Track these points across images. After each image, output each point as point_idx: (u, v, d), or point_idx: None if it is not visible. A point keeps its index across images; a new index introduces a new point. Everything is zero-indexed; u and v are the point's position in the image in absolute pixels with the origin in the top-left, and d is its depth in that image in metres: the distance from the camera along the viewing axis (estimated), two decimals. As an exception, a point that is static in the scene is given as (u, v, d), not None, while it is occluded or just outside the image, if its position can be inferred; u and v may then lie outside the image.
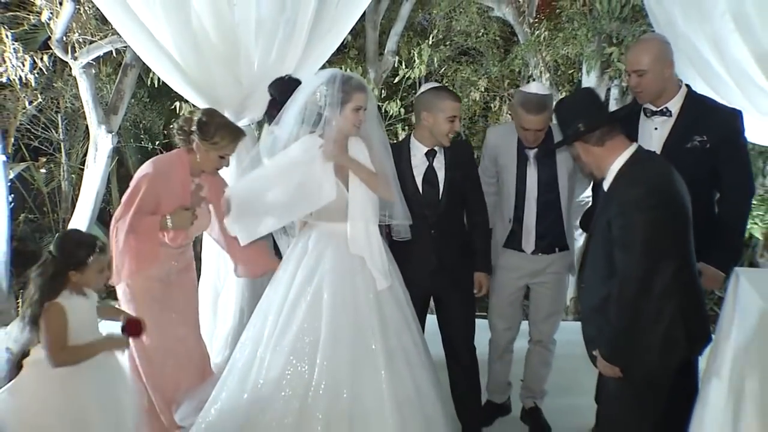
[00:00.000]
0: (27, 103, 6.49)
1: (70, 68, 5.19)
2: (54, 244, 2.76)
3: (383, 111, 7.05)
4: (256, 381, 2.90)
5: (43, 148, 7.35)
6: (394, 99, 7.35)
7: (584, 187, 3.63)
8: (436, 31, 8.09)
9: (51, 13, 5.04)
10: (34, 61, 5.39)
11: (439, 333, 3.52)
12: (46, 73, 5.84)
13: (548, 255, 3.52)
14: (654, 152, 2.96)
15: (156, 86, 6.47)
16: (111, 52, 5.17)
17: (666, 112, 3.14)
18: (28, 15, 5.76)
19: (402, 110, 7.31)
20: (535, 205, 3.46)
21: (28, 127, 7.06)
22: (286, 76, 3.57)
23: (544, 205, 3.47)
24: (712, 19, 3.72)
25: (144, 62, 4.19)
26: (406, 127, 7.46)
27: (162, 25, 3.74)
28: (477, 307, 3.56)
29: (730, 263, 2.98)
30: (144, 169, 3.19)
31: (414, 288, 3.25)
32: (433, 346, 3.38)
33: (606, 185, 2.65)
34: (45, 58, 5.50)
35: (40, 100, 6.60)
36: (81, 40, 5.11)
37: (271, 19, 3.84)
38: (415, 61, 7.39)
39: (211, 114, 3.29)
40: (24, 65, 5.31)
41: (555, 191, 3.45)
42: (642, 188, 2.49)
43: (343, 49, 7.87)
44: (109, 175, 6.18)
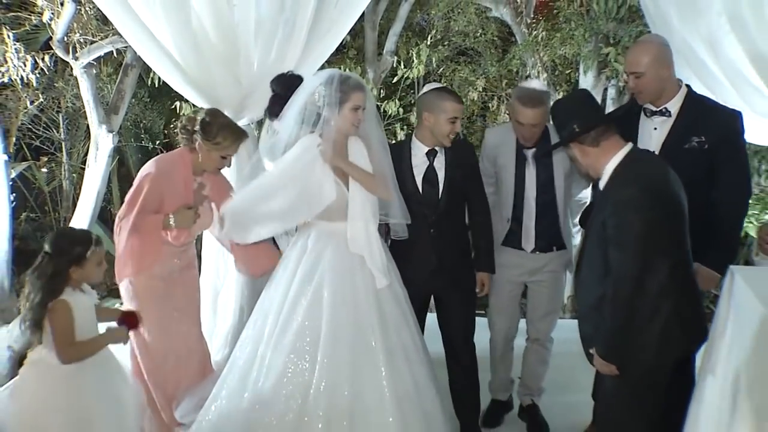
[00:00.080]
0: (28, 102, 6.47)
1: (71, 68, 5.17)
2: (49, 244, 2.76)
3: (382, 111, 7.05)
4: (257, 379, 2.90)
5: (44, 147, 7.35)
6: (393, 99, 7.36)
7: (582, 186, 3.63)
8: (434, 32, 8.11)
9: (52, 13, 5.02)
10: (35, 61, 5.36)
11: (440, 332, 3.52)
12: (47, 73, 5.83)
13: (546, 254, 3.54)
14: (649, 151, 2.97)
15: (156, 86, 6.50)
16: (112, 52, 5.16)
17: (665, 113, 3.15)
18: (30, 15, 5.75)
19: (401, 110, 7.32)
20: (534, 205, 3.48)
21: (30, 126, 7.05)
22: (288, 72, 3.59)
23: (542, 205, 3.48)
24: (708, 20, 3.72)
25: (144, 62, 4.20)
26: (405, 127, 7.46)
27: (162, 25, 3.75)
28: (477, 306, 3.56)
29: (726, 264, 2.93)
30: (147, 168, 3.19)
31: (414, 287, 3.25)
32: (433, 344, 3.40)
33: (601, 185, 2.66)
34: (46, 58, 5.48)
35: (41, 100, 6.59)
36: (82, 40, 5.09)
37: (271, 20, 3.84)
38: (413, 61, 7.40)
39: (214, 114, 3.29)
40: (25, 65, 5.27)
41: (552, 191, 3.47)
42: (635, 188, 2.50)
43: (342, 49, 7.89)
44: (110, 174, 6.16)
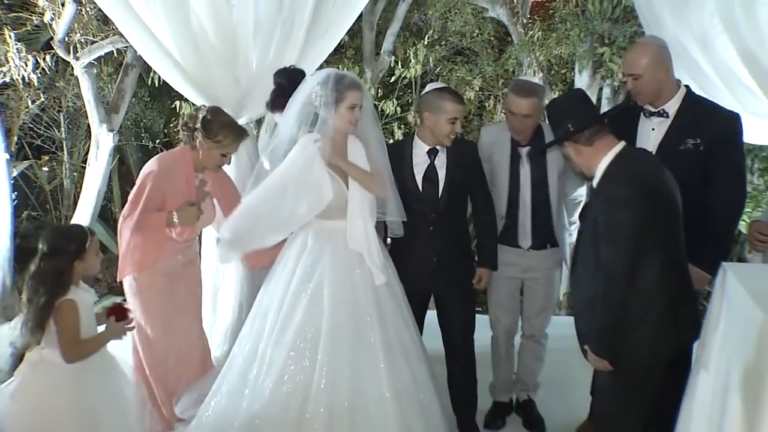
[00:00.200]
0: (30, 102, 6.49)
1: (72, 68, 5.21)
2: (47, 245, 2.76)
3: (380, 110, 7.07)
4: (257, 377, 2.91)
5: (45, 146, 7.36)
6: (391, 98, 7.40)
7: (577, 184, 3.63)
8: (431, 32, 8.14)
9: (53, 14, 5.05)
10: (36, 61, 5.39)
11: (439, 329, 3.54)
12: (48, 72, 5.86)
13: (540, 251, 3.55)
14: (643, 149, 2.98)
15: (156, 86, 6.53)
16: (112, 52, 5.20)
17: (663, 114, 3.15)
18: (31, 16, 5.77)
19: (398, 109, 7.35)
20: (529, 203, 3.49)
21: (31, 126, 7.06)
22: (290, 66, 3.63)
23: (536, 202, 3.49)
24: (701, 20, 3.74)
25: (145, 62, 4.24)
26: (402, 126, 7.49)
27: (162, 25, 3.78)
28: (477, 304, 3.56)
29: (718, 265, 2.97)
30: (149, 166, 3.20)
31: (414, 285, 3.27)
32: (433, 341, 3.43)
33: (594, 183, 2.67)
34: (47, 58, 5.51)
35: (42, 99, 6.60)
36: (83, 40, 5.13)
37: (269, 20, 3.87)
38: (411, 60, 7.43)
39: (215, 112, 3.29)
40: (27, 65, 5.30)
41: (546, 189, 3.48)
42: (625, 185, 2.52)
43: (340, 49, 7.90)
44: (111, 172, 6.18)
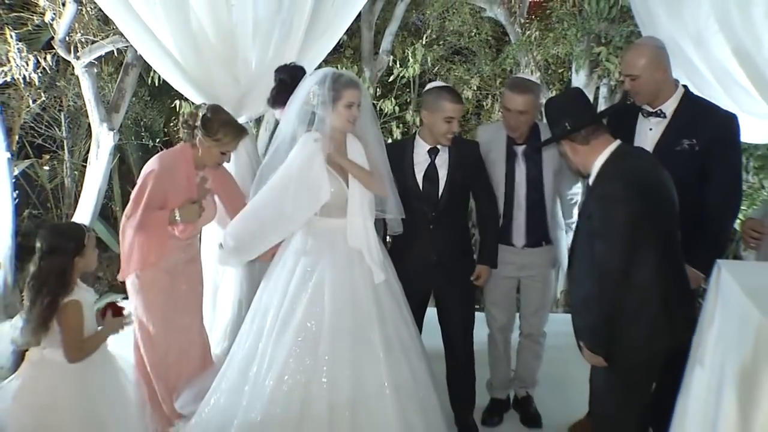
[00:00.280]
0: (31, 101, 6.47)
1: (73, 67, 5.20)
2: (46, 245, 2.76)
3: (378, 109, 7.09)
4: (257, 374, 2.93)
5: (46, 145, 7.35)
6: (389, 97, 7.42)
7: (573, 183, 3.65)
8: (429, 31, 8.14)
9: (54, 13, 5.04)
10: (37, 60, 5.38)
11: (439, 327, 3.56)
12: (49, 72, 5.86)
13: (535, 249, 3.57)
14: (639, 148, 3.01)
15: (156, 85, 6.56)
16: (112, 51, 5.20)
17: (660, 114, 3.16)
18: (32, 15, 5.76)
19: (396, 108, 7.37)
20: (525, 201, 3.51)
21: (32, 125, 7.04)
22: (291, 63, 3.66)
23: (531, 201, 3.51)
24: (696, 20, 3.77)
25: (145, 61, 4.25)
26: (401, 125, 7.51)
27: (162, 25, 3.79)
28: (476, 302, 3.57)
29: (712, 265, 2.98)
30: (150, 165, 3.21)
31: (413, 283, 3.30)
32: (432, 337, 3.46)
33: (590, 181, 2.71)
34: (48, 57, 5.50)
35: (43, 98, 6.59)
36: (83, 40, 5.12)
37: (268, 20, 3.88)
38: (409, 60, 7.45)
39: (215, 110, 3.30)
40: (28, 65, 5.29)
41: (541, 188, 3.51)
42: (619, 182, 2.54)
43: (339, 49, 7.91)
44: (111, 171, 6.16)
